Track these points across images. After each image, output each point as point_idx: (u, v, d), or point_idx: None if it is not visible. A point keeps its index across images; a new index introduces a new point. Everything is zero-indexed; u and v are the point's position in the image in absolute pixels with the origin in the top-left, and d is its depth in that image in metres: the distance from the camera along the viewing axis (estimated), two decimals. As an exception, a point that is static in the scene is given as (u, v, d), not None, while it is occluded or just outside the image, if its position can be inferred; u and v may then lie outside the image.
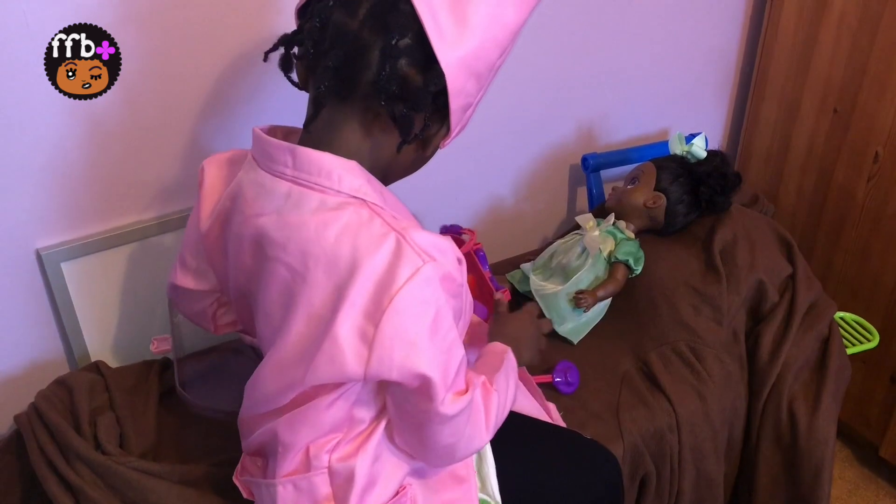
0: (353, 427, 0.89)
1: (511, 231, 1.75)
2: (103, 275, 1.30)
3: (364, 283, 0.77)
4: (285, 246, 0.82)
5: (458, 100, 0.81)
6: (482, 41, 0.79)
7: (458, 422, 0.85)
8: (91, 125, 1.20)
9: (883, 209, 1.58)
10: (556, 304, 1.40)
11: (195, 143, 1.30)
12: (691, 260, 1.46)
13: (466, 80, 0.80)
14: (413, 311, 0.77)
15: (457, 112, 0.82)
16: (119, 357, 1.37)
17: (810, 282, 1.46)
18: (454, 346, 0.82)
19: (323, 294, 0.79)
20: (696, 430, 1.30)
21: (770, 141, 1.82)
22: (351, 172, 0.81)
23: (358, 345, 0.77)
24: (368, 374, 0.78)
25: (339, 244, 0.78)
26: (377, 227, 0.79)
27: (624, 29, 1.64)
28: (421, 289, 0.77)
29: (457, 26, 0.77)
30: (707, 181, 1.48)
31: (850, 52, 1.57)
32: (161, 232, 1.31)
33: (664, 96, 1.79)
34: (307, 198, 0.82)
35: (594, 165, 1.69)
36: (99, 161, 1.23)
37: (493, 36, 0.80)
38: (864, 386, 1.70)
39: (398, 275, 0.76)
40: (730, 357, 1.37)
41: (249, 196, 0.87)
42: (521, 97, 1.60)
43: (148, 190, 1.30)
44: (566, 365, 1.33)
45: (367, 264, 0.77)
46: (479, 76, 0.82)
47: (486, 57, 0.81)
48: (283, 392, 0.85)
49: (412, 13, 0.76)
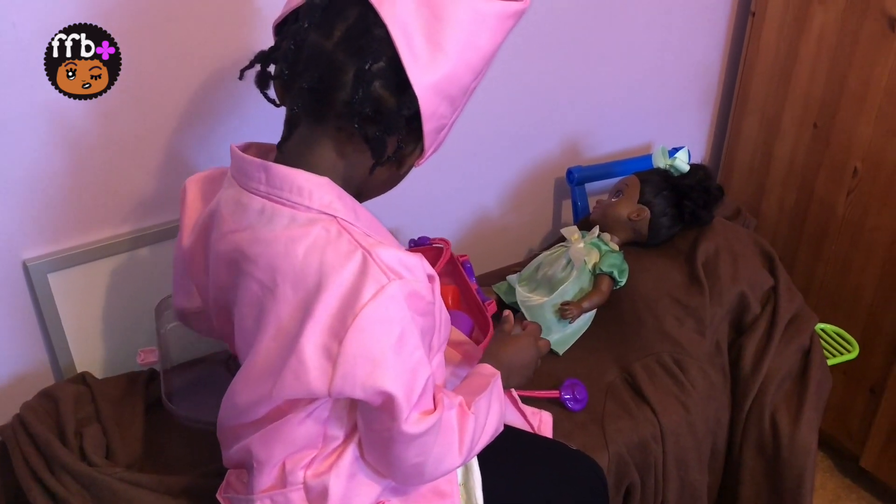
0: (327, 443, 0.89)
1: (497, 243, 1.76)
2: (90, 286, 1.30)
3: (329, 300, 0.77)
4: (257, 261, 0.82)
5: (432, 122, 0.82)
6: (455, 66, 0.79)
7: (423, 441, 0.84)
8: (78, 136, 1.20)
9: (862, 222, 1.61)
10: (542, 315, 1.41)
11: (182, 154, 1.30)
12: (675, 272, 1.48)
13: (440, 104, 0.81)
14: (377, 328, 0.77)
15: (430, 134, 0.83)
16: (105, 368, 1.37)
17: (792, 294, 1.48)
18: (420, 365, 0.81)
19: (290, 310, 0.80)
20: (680, 440, 1.31)
21: (752, 155, 1.85)
22: (322, 188, 0.82)
23: (322, 361, 0.77)
24: (333, 390, 0.78)
25: (307, 260, 0.79)
26: (344, 243, 0.79)
27: (608, 44, 1.66)
28: (385, 307, 0.77)
29: (431, 51, 0.77)
30: (690, 194, 1.50)
31: (829, 68, 1.60)
32: (149, 243, 1.32)
33: (648, 111, 1.82)
34: (279, 214, 0.82)
35: (579, 178, 1.71)
36: (86, 172, 1.23)
37: (467, 60, 0.80)
38: (845, 397, 1.72)
39: (362, 292, 0.76)
40: (713, 368, 1.39)
41: (226, 212, 0.88)
42: (507, 111, 1.61)
43: (135, 202, 1.30)
44: (573, 381, 1.32)
45: (332, 281, 0.77)
46: (452, 99, 0.82)
47: (459, 81, 0.81)
48: (254, 405, 0.85)
49: (387, 37, 0.76)
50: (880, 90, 1.50)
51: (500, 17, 0.81)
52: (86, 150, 1.22)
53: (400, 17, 0.76)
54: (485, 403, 0.94)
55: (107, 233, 1.29)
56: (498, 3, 0.81)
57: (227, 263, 0.88)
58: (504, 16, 0.82)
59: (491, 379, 0.98)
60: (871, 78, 1.52)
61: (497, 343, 1.13)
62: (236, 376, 0.88)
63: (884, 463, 1.68)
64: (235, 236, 0.85)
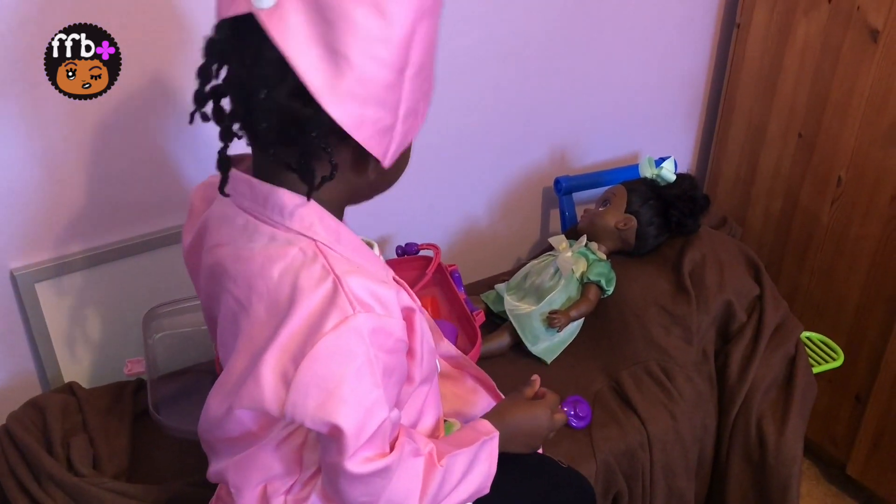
0: (305, 469, 0.89)
1: (485, 252, 1.77)
2: (78, 296, 1.30)
3: (294, 324, 0.76)
4: (236, 278, 0.82)
5: (365, 129, 0.74)
6: (362, 67, 0.71)
7: (370, 482, 0.81)
8: (65, 145, 1.20)
9: (846, 231, 1.62)
10: (530, 323, 1.42)
11: (170, 163, 1.30)
12: (661, 281, 1.49)
13: (363, 109, 0.73)
14: (333, 359, 0.75)
15: (372, 139, 0.75)
16: (93, 378, 1.36)
17: (777, 302, 1.50)
18: (376, 405, 0.78)
19: (261, 329, 0.79)
20: (667, 448, 1.32)
21: (738, 164, 1.87)
22: (304, 209, 0.80)
23: (278, 384, 0.76)
24: (285, 414, 0.76)
25: (281, 282, 0.78)
26: (318, 269, 0.78)
27: (595, 55, 1.68)
28: (346, 338, 0.75)
29: (331, 60, 0.70)
30: (676, 204, 1.51)
31: (813, 79, 1.62)
32: (138, 252, 1.31)
33: (635, 120, 1.83)
34: (259, 231, 0.81)
35: (566, 188, 1.72)
36: (72, 181, 1.23)
37: (376, 57, 0.71)
38: (831, 404, 1.73)
39: (326, 321, 0.74)
40: (700, 376, 1.40)
41: (213, 225, 0.88)
42: (495, 121, 1.62)
43: (122, 210, 1.30)
44: (575, 398, 1.32)
45: (301, 305, 0.76)
46: (379, 100, 0.74)
47: (376, 80, 0.72)
48: (224, 418, 0.84)
49: (281, 58, 0.70)
50: (863, 100, 1.52)
51: (399, 3, 0.72)
52: (74, 157, 1.22)
53: (292, 33, 0.69)
54: (463, 460, 0.91)
55: (93, 242, 1.29)
56: None
57: (211, 276, 0.88)
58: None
59: (483, 436, 0.95)
60: (855, 88, 1.54)
61: (508, 403, 1.07)
62: (212, 388, 0.88)
63: (870, 470, 1.69)
64: (219, 250, 0.85)
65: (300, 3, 0.69)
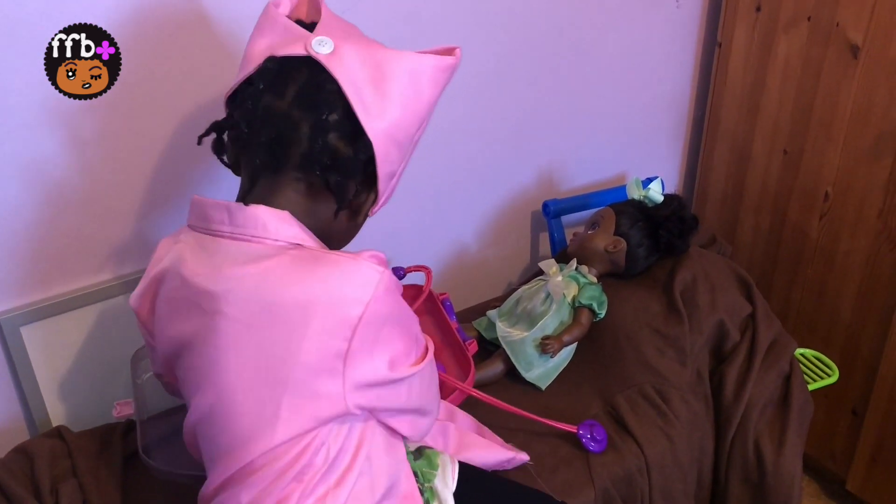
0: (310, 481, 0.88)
1: (476, 278, 1.76)
2: (64, 338, 1.28)
3: (322, 311, 0.81)
4: (227, 298, 0.83)
5: (385, 167, 0.90)
6: (402, 113, 0.88)
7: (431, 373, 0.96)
8: (49, 185, 1.19)
9: (836, 246, 1.63)
10: (523, 350, 1.41)
11: (153, 201, 1.29)
12: (653, 302, 1.48)
13: (390, 149, 0.89)
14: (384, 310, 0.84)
15: (384, 179, 0.91)
16: (82, 421, 1.34)
17: (770, 320, 1.49)
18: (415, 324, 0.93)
19: (275, 338, 0.82)
20: (665, 471, 1.31)
21: (724, 182, 1.87)
22: (286, 222, 0.86)
23: (332, 364, 0.82)
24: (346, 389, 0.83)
25: (286, 286, 0.82)
26: (318, 260, 0.84)
27: (579, 78, 1.68)
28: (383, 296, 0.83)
29: (379, 100, 0.86)
30: (665, 225, 1.51)
31: (796, 96, 1.63)
32: (122, 292, 1.30)
33: (621, 142, 1.84)
34: (246, 250, 0.85)
35: (555, 211, 1.71)
36: (56, 222, 1.22)
37: (412, 108, 0.90)
38: (828, 420, 1.72)
39: (359, 290, 0.82)
40: (695, 398, 1.39)
41: (189, 258, 0.89)
42: (481, 146, 1.62)
43: (107, 250, 1.29)
44: (591, 422, 1.31)
45: (323, 294, 0.81)
46: (400, 145, 0.90)
47: (406, 127, 0.90)
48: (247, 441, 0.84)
49: (338, 91, 0.85)
50: (847, 115, 1.53)
51: (435, 69, 0.91)
52: (56, 199, 1.21)
53: (348, 72, 0.85)
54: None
55: (78, 283, 1.28)
56: (433, 57, 0.91)
57: (188, 308, 0.88)
58: (439, 69, 0.91)
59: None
60: (837, 104, 1.54)
61: None
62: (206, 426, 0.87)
63: (869, 485, 1.68)
64: (199, 279, 0.86)
65: (354, 51, 0.86)
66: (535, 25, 1.57)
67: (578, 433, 1.28)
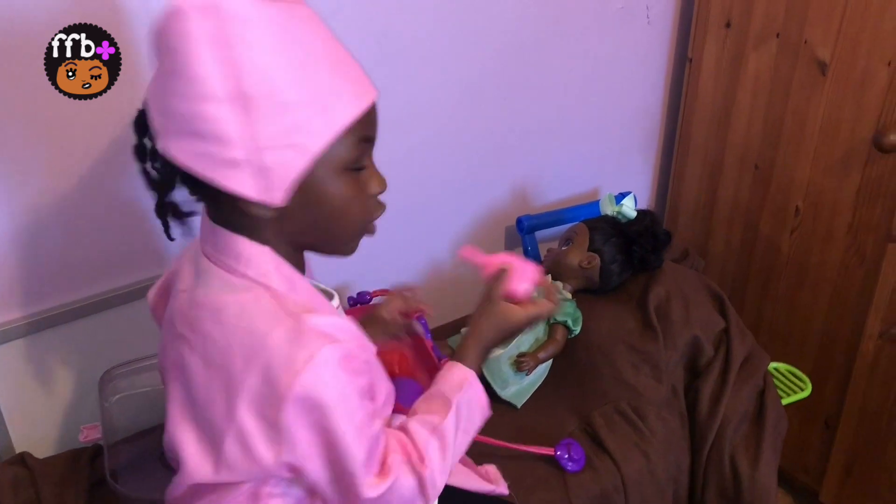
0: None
1: (451, 295, 1.75)
2: (28, 361, 1.25)
3: (263, 370, 0.75)
4: (192, 325, 0.81)
5: (199, 163, 0.75)
6: (176, 108, 0.76)
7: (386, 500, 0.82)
8: (12, 207, 1.16)
9: (807, 260, 1.64)
10: (498, 368, 1.40)
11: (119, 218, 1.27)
12: (628, 318, 1.48)
13: (191, 146, 0.75)
14: (316, 394, 0.74)
15: (216, 171, 0.75)
16: (47, 446, 1.31)
17: (743, 335, 1.50)
18: (365, 424, 0.79)
19: (217, 379, 0.77)
20: (642, 488, 1.30)
21: (696, 197, 1.88)
22: (261, 257, 0.81)
23: (266, 437, 0.75)
24: (284, 462, 0.76)
25: (236, 329, 0.77)
26: (274, 312, 0.78)
27: (552, 94, 1.69)
28: (321, 372, 0.74)
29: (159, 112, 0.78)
30: (639, 241, 1.52)
31: (766, 111, 1.65)
32: (90, 313, 1.27)
33: (593, 157, 1.84)
34: (216, 277, 0.81)
35: (529, 227, 1.71)
36: (19, 242, 1.19)
37: (177, 93, 0.76)
38: (801, 432, 1.73)
39: (296, 360, 0.74)
40: (671, 414, 1.39)
41: (185, 271, 0.87)
42: (454, 162, 1.62)
43: (72, 271, 1.26)
44: (568, 441, 1.30)
45: (265, 350, 0.75)
46: (197, 134, 0.74)
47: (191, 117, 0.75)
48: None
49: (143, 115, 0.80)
50: (815, 131, 1.55)
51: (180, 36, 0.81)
52: (19, 220, 1.18)
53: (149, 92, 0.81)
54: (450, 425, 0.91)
55: (41, 306, 1.24)
56: None
57: (169, 322, 0.87)
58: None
59: (457, 391, 0.94)
60: (807, 120, 1.56)
61: (478, 314, 1.04)
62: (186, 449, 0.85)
63: (843, 497, 1.69)
64: (183, 295, 0.85)
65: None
66: (507, 42, 1.57)
67: (556, 455, 1.27)
